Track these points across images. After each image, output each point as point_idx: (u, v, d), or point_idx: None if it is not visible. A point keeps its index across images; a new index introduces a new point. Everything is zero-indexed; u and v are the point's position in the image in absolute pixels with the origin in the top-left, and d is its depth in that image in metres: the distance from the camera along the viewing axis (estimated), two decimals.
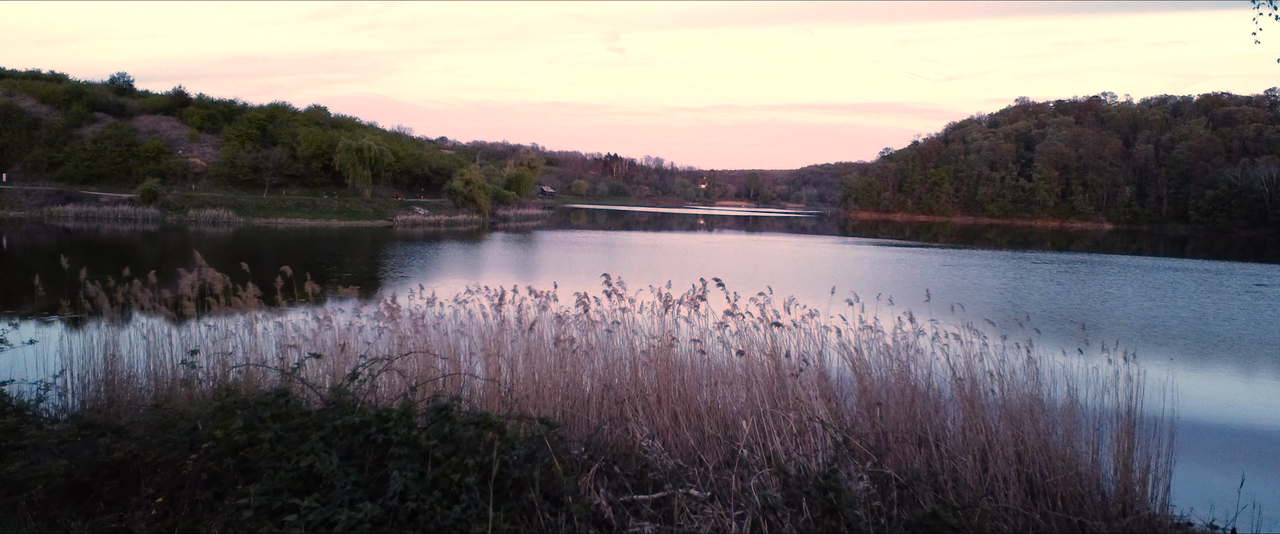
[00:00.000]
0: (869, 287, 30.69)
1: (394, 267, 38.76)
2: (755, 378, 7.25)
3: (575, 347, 7.96)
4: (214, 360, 8.45)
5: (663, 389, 7.45)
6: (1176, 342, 21.93)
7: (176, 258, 43.81)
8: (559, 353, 7.84)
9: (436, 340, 8.34)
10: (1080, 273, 45.71)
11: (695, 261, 46.71)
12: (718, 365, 8.01)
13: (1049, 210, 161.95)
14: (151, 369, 8.74)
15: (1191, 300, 32.61)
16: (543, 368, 7.81)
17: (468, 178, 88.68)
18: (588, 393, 7.78)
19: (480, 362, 8.23)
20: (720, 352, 8.08)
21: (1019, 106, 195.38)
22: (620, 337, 8.38)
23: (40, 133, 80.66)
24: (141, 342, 8.96)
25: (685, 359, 7.89)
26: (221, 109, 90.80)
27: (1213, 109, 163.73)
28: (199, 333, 9.00)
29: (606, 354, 8.33)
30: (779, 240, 76.19)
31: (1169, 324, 25.58)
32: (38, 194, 70.54)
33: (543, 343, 8.00)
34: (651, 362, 7.65)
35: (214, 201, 72.13)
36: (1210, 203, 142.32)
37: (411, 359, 8.15)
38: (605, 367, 8.17)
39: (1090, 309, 29.04)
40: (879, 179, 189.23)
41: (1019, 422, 7.50)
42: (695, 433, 7.03)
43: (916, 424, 7.40)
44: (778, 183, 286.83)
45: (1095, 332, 15.23)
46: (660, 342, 7.88)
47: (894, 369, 7.98)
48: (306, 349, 8.31)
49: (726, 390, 7.53)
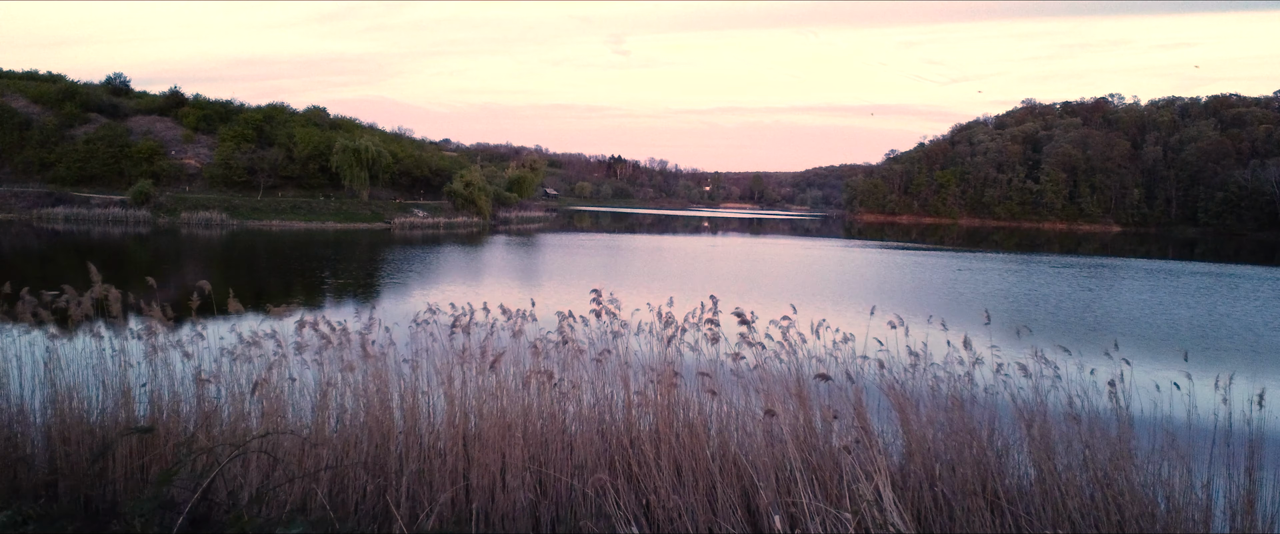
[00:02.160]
0: (898, 298, 28.39)
1: (387, 271, 37.26)
2: (782, 428, 5.71)
3: (554, 384, 6.41)
4: (115, 395, 6.93)
5: (663, 439, 5.91)
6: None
7: (163, 265, 42.36)
8: (528, 397, 6.29)
9: (383, 378, 6.79)
10: (1131, 278, 43.75)
11: (700, 266, 45.22)
12: (734, 407, 6.48)
13: (1056, 213, 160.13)
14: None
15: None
16: (509, 411, 6.25)
17: (468, 179, 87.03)
18: (568, 440, 6.24)
19: (433, 397, 6.67)
20: (736, 389, 6.54)
21: (1025, 108, 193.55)
22: (612, 366, 6.84)
23: (32, 133, 79.05)
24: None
25: (691, 399, 6.35)
26: (217, 110, 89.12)
27: (1222, 111, 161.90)
28: (103, 355, 7.45)
29: (596, 390, 6.80)
30: (785, 243, 74.63)
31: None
32: (27, 196, 69.09)
33: (509, 384, 6.43)
34: (648, 403, 6.10)
35: (207, 204, 70.66)
36: (1220, 205, 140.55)
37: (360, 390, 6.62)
38: (593, 405, 6.64)
39: (1178, 323, 26.32)
40: (885, 181, 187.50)
41: (1110, 481, 5.97)
42: (703, 498, 5.51)
43: (985, 481, 5.88)
44: (782, 185, 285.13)
45: (1193, 352, 13.53)
46: (660, 378, 6.34)
47: (951, 412, 6.43)
48: (226, 384, 6.79)
49: (746, 441, 5.99)
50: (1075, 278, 43.14)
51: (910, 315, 7.72)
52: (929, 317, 7.79)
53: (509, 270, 41.00)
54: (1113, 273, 47.93)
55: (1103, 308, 30.07)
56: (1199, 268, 54.56)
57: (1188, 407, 6.50)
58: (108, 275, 7.28)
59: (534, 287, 32.84)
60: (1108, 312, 29.03)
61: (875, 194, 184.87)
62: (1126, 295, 35.18)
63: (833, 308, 26.27)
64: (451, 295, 29.03)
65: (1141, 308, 30.44)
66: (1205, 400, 6.57)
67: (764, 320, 7.03)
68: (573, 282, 34.83)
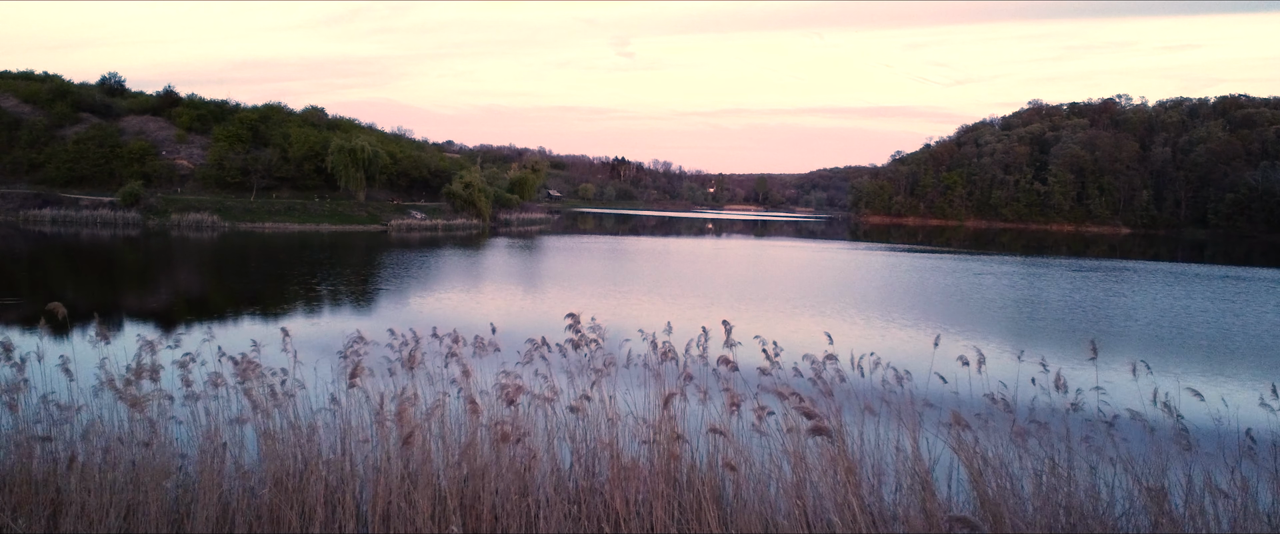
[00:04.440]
0: (931, 308, 26.02)
1: (372, 276, 35.64)
2: (826, 507, 4.07)
3: (517, 441, 4.73)
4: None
5: (659, 524, 4.26)
6: None
7: (126, 270, 40.80)
8: (478, 457, 4.63)
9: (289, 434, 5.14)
10: (1188, 284, 41.67)
11: (706, 271, 43.59)
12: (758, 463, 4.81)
13: (1064, 214, 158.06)
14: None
15: None
16: (444, 477, 4.58)
17: (468, 180, 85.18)
18: (529, 520, 4.58)
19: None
20: (756, 443, 4.88)
21: (1032, 109, 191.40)
22: (596, 414, 5.19)
23: (21, 133, 77.31)
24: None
25: (696, 461, 4.70)
26: (212, 109, 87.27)
27: (1231, 111, 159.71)
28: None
29: (574, 440, 5.16)
30: (791, 245, 72.92)
31: None
32: (15, 197, 67.44)
33: (439, 453, 4.77)
34: (638, 478, 4.43)
35: (199, 205, 68.98)
36: (1230, 206, 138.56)
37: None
38: (570, 469, 4.99)
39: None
40: (891, 182, 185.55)
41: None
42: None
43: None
44: (786, 186, 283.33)
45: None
46: (657, 432, 4.68)
47: (1040, 484, 4.78)
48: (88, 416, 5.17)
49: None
50: (1125, 284, 41.26)
51: (977, 335, 6.10)
52: (1008, 344, 6.15)
53: (502, 277, 39.38)
54: (1161, 279, 45.97)
55: (1187, 319, 27.92)
56: (1242, 273, 52.80)
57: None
58: (72, 280, 5.70)
59: (523, 296, 31.20)
60: (1193, 323, 26.78)
61: (881, 196, 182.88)
62: (1199, 302, 33.20)
63: (860, 318, 24.47)
64: (437, 304, 27.41)
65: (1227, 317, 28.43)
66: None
67: (791, 342, 5.39)
68: (568, 290, 33.17)
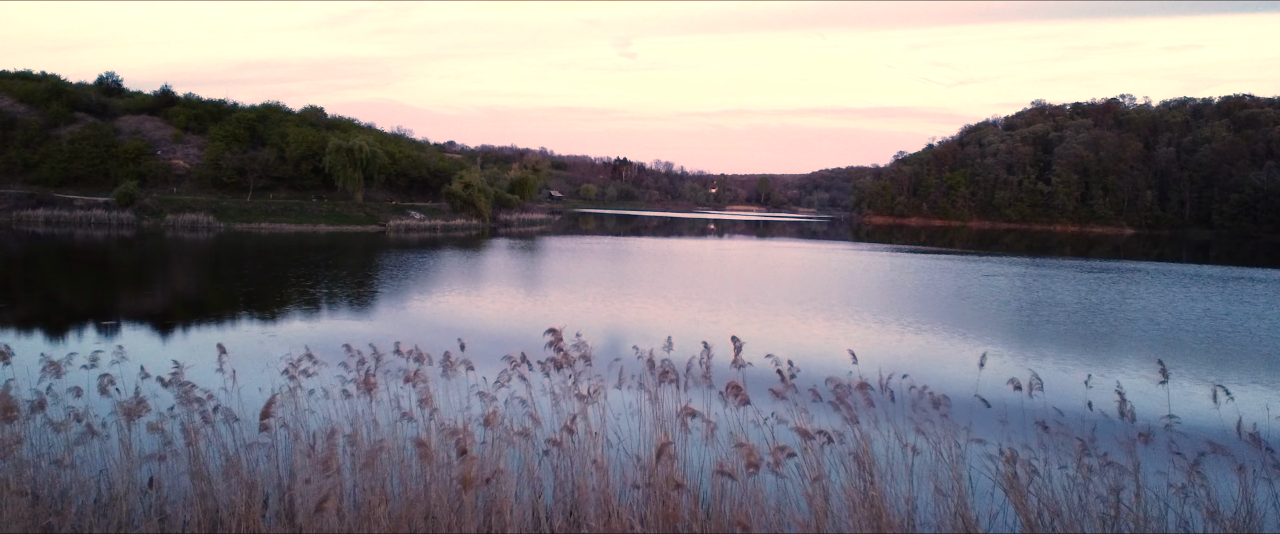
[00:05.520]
0: (950, 313, 24.81)
1: (362, 278, 34.86)
2: None
3: (485, 484, 3.94)
4: None
5: None
6: None
7: (110, 272, 40.07)
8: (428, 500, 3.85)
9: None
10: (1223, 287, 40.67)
11: (708, 272, 42.79)
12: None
13: (1068, 215, 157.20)
14: None
15: None
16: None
17: (467, 180, 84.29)
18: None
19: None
20: (771, 484, 4.09)
21: (1035, 109, 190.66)
22: (581, 448, 4.39)
23: (16, 133, 76.39)
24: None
25: (700, 513, 3.89)
26: (210, 109, 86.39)
27: (1235, 111, 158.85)
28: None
29: (558, 476, 4.36)
30: (794, 246, 72.12)
31: None
32: (9, 198, 66.61)
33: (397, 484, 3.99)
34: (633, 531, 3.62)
35: (194, 205, 68.16)
36: (1234, 207, 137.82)
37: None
38: (549, 512, 4.19)
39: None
40: (893, 183, 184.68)
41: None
42: None
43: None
44: (788, 187, 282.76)
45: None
46: (650, 478, 3.88)
47: None
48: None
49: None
50: (1139, 285, 40.40)
51: (998, 341, 5.30)
52: (1035, 351, 5.34)
53: (499, 279, 38.60)
54: (1174, 280, 45.09)
55: (1219, 323, 27.03)
56: (1254, 274, 51.96)
57: None
58: (57, 282, 4.93)
59: (517, 299, 30.42)
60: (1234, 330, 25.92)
61: (883, 196, 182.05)
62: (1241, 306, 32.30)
63: (875, 323, 23.67)
64: (428, 309, 26.63)
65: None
66: None
67: (806, 355, 4.59)
68: (567, 292, 32.38)
